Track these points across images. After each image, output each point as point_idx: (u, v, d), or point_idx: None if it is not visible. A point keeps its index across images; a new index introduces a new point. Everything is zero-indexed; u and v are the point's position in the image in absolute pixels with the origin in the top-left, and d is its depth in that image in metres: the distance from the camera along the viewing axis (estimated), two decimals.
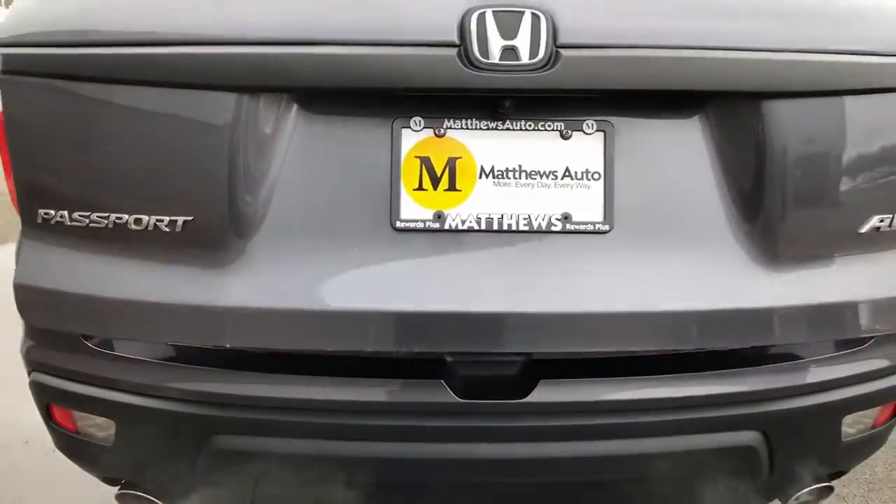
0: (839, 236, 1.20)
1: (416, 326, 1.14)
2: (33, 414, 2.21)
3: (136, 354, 1.24)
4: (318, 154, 1.14)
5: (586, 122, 1.15)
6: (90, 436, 1.31)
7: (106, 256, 1.15)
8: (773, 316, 1.17)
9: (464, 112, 1.15)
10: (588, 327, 1.14)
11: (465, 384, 1.17)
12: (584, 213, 1.16)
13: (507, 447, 1.24)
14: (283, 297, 1.12)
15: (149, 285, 1.14)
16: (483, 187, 1.16)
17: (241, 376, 1.21)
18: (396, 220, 1.14)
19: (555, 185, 1.16)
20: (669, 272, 1.16)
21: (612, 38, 1.08)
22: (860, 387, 1.31)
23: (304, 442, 1.23)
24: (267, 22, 1.09)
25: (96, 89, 1.09)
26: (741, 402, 1.24)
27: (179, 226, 1.12)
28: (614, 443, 1.24)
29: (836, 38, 1.13)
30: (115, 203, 1.12)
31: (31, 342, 1.32)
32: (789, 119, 1.13)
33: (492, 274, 1.15)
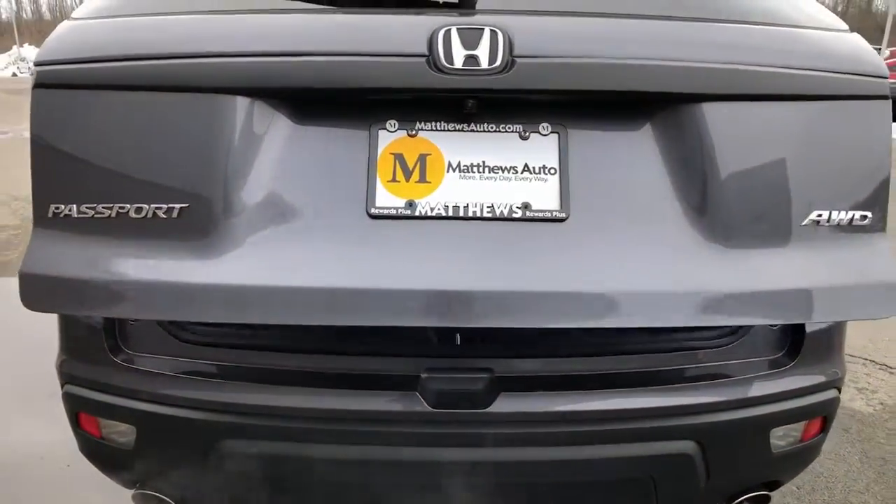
0: (781, 228, 1.28)
1: (387, 300, 1.21)
2: (47, 432, 2.40)
3: (156, 368, 1.42)
4: (304, 152, 1.27)
5: (542, 125, 1.29)
6: (113, 441, 1.48)
7: (107, 243, 1.25)
8: (715, 296, 1.24)
9: (433, 116, 1.29)
10: (547, 304, 1.22)
11: (437, 396, 1.35)
12: (543, 202, 1.27)
13: (473, 451, 1.39)
14: (267, 275, 1.22)
15: (146, 267, 1.23)
16: (451, 180, 1.28)
17: (246, 387, 1.37)
18: (372, 207, 1.25)
19: (515, 179, 1.28)
20: (621, 255, 1.25)
21: (560, 50, 1.25)
22: (785, 403, 1.44)
23: (302, 446, 1.38)
24: (268, 35, 1.27)
25: (108, 97, 1.24)
26: (676, 414, 1.38)
27: (176, 212, 1.23)
28: (565, 449, 1.39)
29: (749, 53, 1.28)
30: (119, 194, 1.24)
31: (64, 357, 1.51)
32: (720, 121, 1.25)
33: (458, 255, 1.24)
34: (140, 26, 1.32)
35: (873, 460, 2.57)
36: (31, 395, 2.88)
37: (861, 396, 3.08)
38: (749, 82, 1.26)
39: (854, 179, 1.30)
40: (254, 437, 1.38)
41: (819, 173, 1.29)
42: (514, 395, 1.36)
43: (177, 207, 1.23)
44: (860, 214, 1.30)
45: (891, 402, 3.03)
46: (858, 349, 3.57)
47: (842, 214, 1.29)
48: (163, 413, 1.39)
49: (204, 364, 1.41)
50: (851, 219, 1.29)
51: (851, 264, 1.29)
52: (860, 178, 1.30)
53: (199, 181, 1.23)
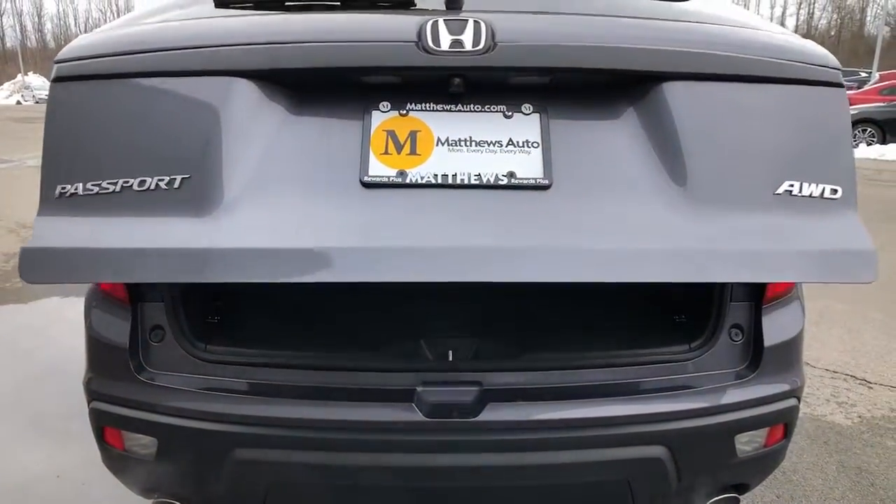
0: (754, 195, 1.37)
1: (379, 257, 1.27)
2: (63, 452, 2.52)
3: (177, 385, 1.56)
4: (302, 130, 1.39)
5: (524, 105, 1.42)
6: (135, 453, 1.61)
7: (111, 215, 1.32)
8: (688, 254, 1.31)
9: (423, 98, 1.41)
10: (533, 260, 1.28)
11: (431, 406, 1.50)
12: (527, 171, 1.37)
13: (462, 457, 1.53)
14: (265, 237, 1.29)
15: (150, 234, 1.29)
16: (440, 152, 1.38)
17: (259, 400, 1.52)
18: (365, 175, 1.35)
19: (500, 151, 1.39)
20: (603, 217, 1.34)
21: (536, 37, 1.39)
22: (748, 411, 1.57)
23: (307, 454, 1.52)
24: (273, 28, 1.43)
25: (118, 85, 1.36)
26: (648, 421, 1.52)
27: (178, 183, 1.31)
28: (546, 454, 1.52)
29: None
30: (123, 170, 1.32)
31: (90, 375, 1.65)
32: (688, 99, 1.38)
33: (448, 217, 1.32)
34: (145, 30, 1.48)
35: (849, 470, 2.70)
36: (44, 415, 3.02)
37: (841, 410, 3.21)
38: (708, 63, 1.40)
39: (822, 158, 1.40)
40: (266, 446, 1.52)
41: (788, 149, 1.40)
42: (501, 406, 1.51)
43: (178, 178, 1.31)
44: (830, 188, 1.38)
45: (868, 416, 3.16)
46: (840, 365, 3.71)
47: (812, 187, 1.38)
48: (182, 425, 1.53)
49: (220, 380, 1.56)
50: (822, 191, 1.38)
51: (825, 232, 1.36)
52: (827, 157, 1.41)
53: (200, 154, 1.32)
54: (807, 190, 1.38)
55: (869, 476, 2.66)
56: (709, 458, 1.62)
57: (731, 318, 1.64)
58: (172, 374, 1.58)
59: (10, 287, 4.89)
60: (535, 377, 1.56)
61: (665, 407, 1.55)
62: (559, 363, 1.59)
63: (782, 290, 1.69)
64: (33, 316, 4.35)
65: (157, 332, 1.60)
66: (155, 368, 1.58)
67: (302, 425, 1.51)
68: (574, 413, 1.53)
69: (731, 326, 1.64)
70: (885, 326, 4.29)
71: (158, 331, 1.60)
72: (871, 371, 3.64)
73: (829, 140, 1.42)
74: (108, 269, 1.29)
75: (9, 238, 6.29)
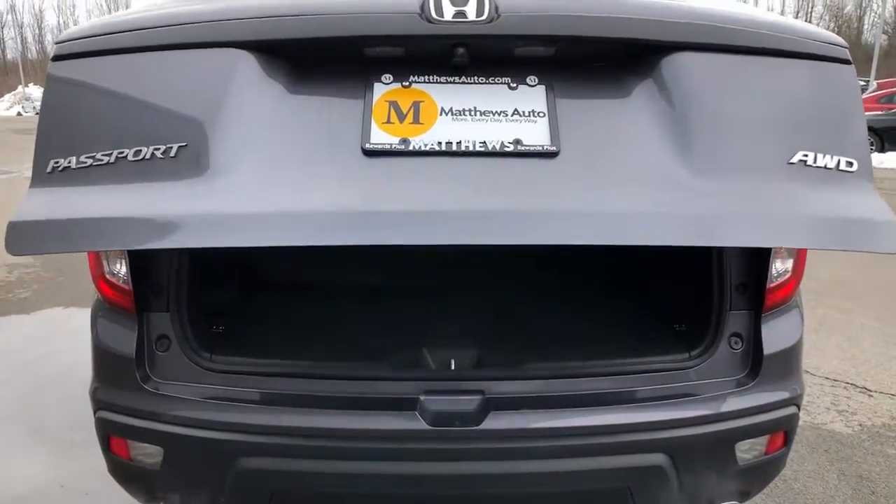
0: (765, 163, 1.35)
1: (380, 222, 1.23)
2: (66, 462, 2.52)
3: (182, 394, 1.58)
4: (304, 102, 1.38)
5: (529, 77, 1.42)
6: (140, 462, 1.62)
7: (106, 185, 1.29)
8: (699, 219, 1.28)
9: (426, 70, 1.41)
10: (542, 223, 1.25)
11: (434, 415, 1.51)
12: (533, 138, 1.34)
13: (466, 465, 1.54)
14: (262, 202, 1.26)
15: (146, 201, 1.26)
16: (443, 121, 1.36)
17: (264, 409, 1.54)
18: (366, 143, 1.32)
19: (506, 120, 1.36)
20: (613, 183, 1.31)
21: (539, 7, 1.37)
22: (747, 419, 1.59)
23: (311, 462, 1.54)
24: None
25: (116, 60, 1.36)
26: (648, 429, 1.53)
27: (174, 151, 1.29)
28: (548, 462, 1.54)
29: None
30: (119, 141, 1.30)
31: (97, 385, 1.67)
32: (694, 69, 1.37)
33: (452, 182, 1.29)
34: (141, 11, 1.48)
35: (850, 478, 2.71)
36: (47, 425, 3.02)
37: (841, 418, 3.21)
38: (715, 35, 1.40)
39: (834, 131, 1.40)
40: (271, 455, 1.54)
41: (798, 121, 1.39)
42: (503, 414, 1.52)
43: (174, 146, 1.29)
44: (846, 161, 1.37)
45: (869, 424, 3.16)
46: (841, 373, 3.71)
47: (827, 159, 1.36)
48: (188, 435, 1.54)
49: (225, 389, 1.57)
50: (838, 163, 1.37)
51: (843, 202, 1.33)
52: (840, 131, 1.40)
53: (196, 123, 1.31)
54: (821, 161, 1.36)
55: (870, 484, 2.67)
56: (709, 466, 1.64)
57: (731, 327, 1.66)
58: (178, 383, 1.59)
59: (12, 298, 4.90)
60: (536, 385, 1.58)
61: (666, 415, 1.56)
62: (561, 372, 1.61)
63: (781, 298, 1.70)
64: (36, 326, 4.37)
65: (163, 341, 1.62)
66: (161, 378, 1.60)
67: (306, 434, 1.52)
68: (576, 421, 1.55)
69: (730, 335, 1.66)
70: (884, 334, 4.30)
71: (164, 340, 1.62)
72: (872, 379, 3.65)
73: (840, 115, 1.42)
74: (100, 237, 1.27)
75: None
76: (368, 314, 2.07)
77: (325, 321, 2.00)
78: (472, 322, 1.98)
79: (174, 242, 1.25)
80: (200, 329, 1.68)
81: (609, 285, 2.43)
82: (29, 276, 5.44)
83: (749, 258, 1.66)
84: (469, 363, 1.67)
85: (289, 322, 2.00)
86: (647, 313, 2.04)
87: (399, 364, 1.67)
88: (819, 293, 4.85)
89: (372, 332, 1.91)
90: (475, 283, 2.41)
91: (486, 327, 1.95)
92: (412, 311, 2.08)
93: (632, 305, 2.12)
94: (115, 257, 1.63)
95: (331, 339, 1.87)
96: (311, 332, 1.93)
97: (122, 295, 1.62)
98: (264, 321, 1.97)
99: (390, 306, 2.13)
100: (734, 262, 1.65)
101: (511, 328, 1.99)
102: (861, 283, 5.29)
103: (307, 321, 2.01)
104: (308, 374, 1.60)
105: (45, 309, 4.65)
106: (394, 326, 1.97)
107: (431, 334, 1.83)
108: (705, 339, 1.67)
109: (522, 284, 2.42)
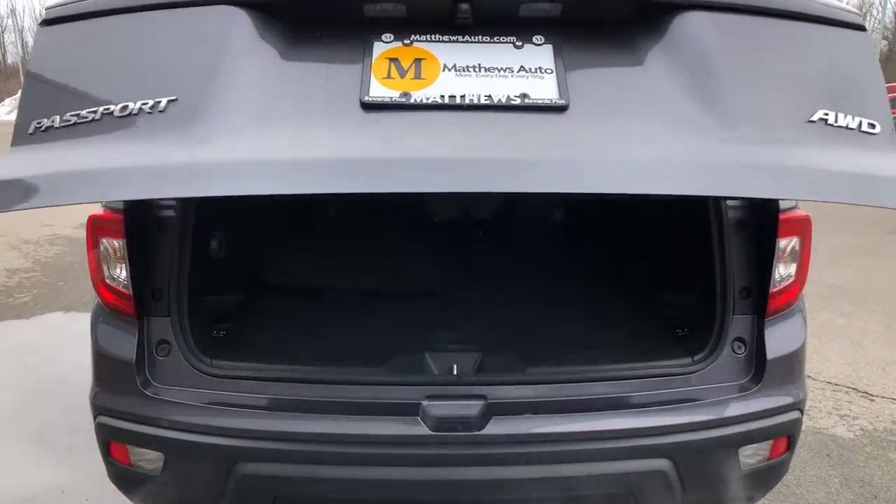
0: (783, 120, 1.33)
1: (377, 169, 1.18)
2: (66, 467, 2.51)
3: (183, 399, 1.57)
4: (301, 59, 1.36)
5: (535, 37, 1.40)
6: (141, 468, 1.62)
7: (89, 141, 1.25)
8: (712, 168, 1.24)
9: (428, 29, 1.38)
10: (551, 170, 1.19)
11: (436, 420, 1.50)
12: (541, 93, 1.31)
13: (468, 471, 1.53)
14: (253, 151, 1.23)
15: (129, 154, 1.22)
16: (446, 77, 1.32)
17: (262, 415, 1.54)
18: (365, 96, 1.28)
19: (512, 76, 1.34)
20: (624, 135, 1.28)
21: None
22: (750, 424, 1.59)
23: (311, 468, 1.54)
24: None
25: (105, 21, 1.35)
26: (651, 434, 1.53)
27: (163, 105, 1.24)
28: (550, 467, 1.53)
29: None
30: (104, 98, 1.26)
31: (97, 390, 1.66)
32: (704, 28, 1.36)
33: (456, 134, 1.25)
34: None
35: (852, 483, 2.69)
36: (47, 430, 3.01)
37: (843, 423, 3.20)
38: None
39: (854, 94, 1.38)
40: (271, 460, 1.53)
41: (815, 82, 1.38)
42: (505, 419, 1.52)
43: (164, 100, 1.25)
44: (868, 122, 1.34)
45: (871, 428, 3.15)
46: (842, 378, 3.70)
47: (848, 119, 1.33)
48: (189, 440, 1.53)
49: (226, 395, 1.56)
50: (860, 124, 1.34)
51: (865, 160, 1.29)
52: (860, 94, 1.38)
53: (188, 77, 1.28)
54: (842, 121, 1.33)
55: (871, 489, 2.66)
56: (713, 471, 1.63)
57: (734, 331, 1.65)
58: (179, 388, 1.59)
59: (12, 302, 4.89)
60: (539, 390, 1.57)
61: (669, 420, 1.56)
62: (564, 377, 1.60)
63: (785, 302, 1.70)
64: (35, 331, 4.36)
65: (164, 346, 1.61)
66: (161, 383, 1.59)
67: (308, 439, 1.52)
68: (579, 426, 1.54)
69: (734, 339, 1.66)
70: (885, 339, 4.29)
71: (164, 345, 1.61)
72: (873, 383, 3.64)
73: (858, 78, 1.40)
74: (87, 188, 1.19)
75: (10, 254, 6.29)
76: (370, 319, 2.07)
77: (327, 326, 1.99)
78: (475, 327, 1.97)
79: (164, 192, 1.22)
80: (201, 334, 1.68)
81: (612, 290, 2.42)
82: (29, 280, 5.43)
83: (752, 262, 1.65)
84: (471, 368, 1.66)
85: (290, 326, 1.99)
86: (649, 318, 2.04)
87: (401, 369, 1.66)
88: (820, 297, 4.84)
89: (374, 337, 1.90)
90: (477, 286, 2.40)
91: (489, 332, 1.95)
92: (414, 315, 2.08)
93: (634, 310, 2.12)
94: (115, 261, 1.62)
95: (332, 343, 1.87)
96: (313, 336, 1.93)
97: (123, 299, 1.62)
98: (265, 326, 1.97)
99: (392, 311, 2.12)
100: (737, 266, 1.64)
101: (514, 333, 1.98)
102: (862, 288, 5.28)
103: (309, 326, 2.00)
104: (309, 378, 1.59)
105: (45, 313, 4.64)
106: (397, 331, 1.96)
107: (433, 339, 1.82)
108: (708, 344, 1.66)
109: (526, 289, 2.41)
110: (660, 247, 2.25)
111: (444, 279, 2.41)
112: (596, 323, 2.05)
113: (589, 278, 2.49)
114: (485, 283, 2.42)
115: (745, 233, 1.66)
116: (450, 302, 2.21)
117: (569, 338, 1.94)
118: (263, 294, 2.28)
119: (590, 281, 2.48)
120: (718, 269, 1.65)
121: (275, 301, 2.20)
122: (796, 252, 1.66)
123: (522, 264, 2.65)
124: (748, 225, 1.66)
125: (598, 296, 2.32)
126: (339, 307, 2.17)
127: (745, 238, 1.66)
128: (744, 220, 1.66)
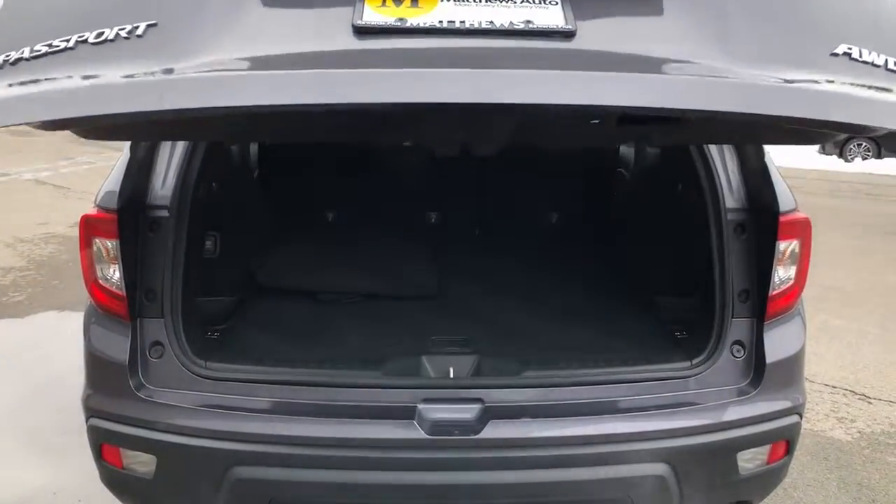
0: (804, 50, 1.28)
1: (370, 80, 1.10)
2: (59, 469, 2.50)
3: (176, 402, 1.56)
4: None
5: None
6: (134, 471, 1.60)
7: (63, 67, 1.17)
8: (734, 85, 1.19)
9: None
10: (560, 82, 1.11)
11: (432, 424, 1.49)
12: (546, 20, 1.22)
13: (465, 475, 1.52)
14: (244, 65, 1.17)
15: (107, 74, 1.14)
16: (445, 6, 1.23)
17: (256, 418, 1.52)
18: (358, 20, 1.19)
19: (515, 6, 1.24)
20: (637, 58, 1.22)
21: None
22: (749, 428, 1.59)
23: (306, 471, 1.53)
24: None
25: None
26: (649, 438, 1.52)
27: (142, 30, 1.17)
28: (548, 471, 1.52)
29: None
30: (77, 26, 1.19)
31: (89, 392, 1.65)
32: None
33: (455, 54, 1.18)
34: None
35: (850, 486, 2.69)
36: (40, 432, 2.99)
37: (841, 426, 3.20)
38: None
39: (879, 31, 1.32)
40: (266, 463, 1.52)
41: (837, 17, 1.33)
42: (503, 423, 1.50)
43: (142, 25, 1.18)
44: (894, 61, 1.28)
45: (868, 431, 3.15)
46: (839, 380, 3.70)
47: (874, 55, 1.27)
48: (182, 443, 1.52)
49: (220, 397, 1.55)
50: (886, 62, 1.28)
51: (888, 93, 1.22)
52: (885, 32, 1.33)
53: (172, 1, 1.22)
54: (867, 56, 1.27)
55: (870, 492, 2.65)
56: (711, 476, 1.62)
57: (733, 335, 1.64)
58: (172, 390, 1.57)
59: (6, 301, 4.86)
60: (537, 394, 1.56)
61: (667, 424, 1.55)
62: (562, 380, 1.59)
63: (784, 306, 1.69)
64: (29, 330, 4.33)
65: (157, 348, 1.60)
66: (154, 385, 1.58)
67: (302, 443, 1.51)
68: (577, 430, 1.53)
69: (732, 342, 1.65)
70: (883, 341, 4.29)
71: (158, 347, 1.60)
72: (871, 386, 3.64)
73: (882, 16, 1.35)
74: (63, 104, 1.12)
75: (5, 252, 6.26)
76: (366, 321, 2.05)
77: (322, 328, 1.98)
78: (471, 329, 1.96)
79: (136, 105, 1.10)
80: (195, 336, 1.66)
81: (610, 293, 2.41)
82: (24, 279, 5.40)
83: (752, 265, 1.64)
84: (468, 371, 1.65)
85: (285, 329, 1.98)
86: (648, 321, 2.03)
87: (397, 372, 1.65)
88: (818, 300, 4.84)
89: (370, 340, 1.88)
90: (475, 288, 2.39)
91: (486, 335, 1.93)
92: (410, 318, 2.07)
93: (633, 313, 2.11)
94: (108, 262, 1.60)
95: (328, 346, 1.85)
96: (308, 338, 1.91)
97: (116, 300, 1.60)
98: (260, 328, 1.95)
99: (388, 313, 2.11)
100: (737, 268, 1.63)
101: (511, 335, 1.97)
102: (860, 290, 5.28)
103: (304, 328, 1.99)
104: (305, 381, 1.58)
105: (39, 313, 4.61)
106: (393, 333, 1.95)
107: (430, 342, 1.81)
108: (707, 347, 1.65)
109: (524, 291, 2.40)
110: (658, 249, 2.25)
111: (442, 281, 2.40)
112: (594, 326, 2.04)
113: (587, 281, 2.47)
114: (482, 286, 2.41)
115: (744, 235, 1.66)
116: (447, 304, 2.19)
117: (566, 341, 1.92)
118: (258, 295, 2.26)
119: (588, 284, 2.46)
120: (718, 272, 1.64)
121: (270, 302, 2.18)
122: (796, 255, 1.65)
123: (521, 266, 2.63)
124: (748, 228, 1.65)
125: (596, 299, 2.31)
126: (335, 309, 2.16)
127: (744, 241, 1.66)
128: (743, 223, 1.66)
